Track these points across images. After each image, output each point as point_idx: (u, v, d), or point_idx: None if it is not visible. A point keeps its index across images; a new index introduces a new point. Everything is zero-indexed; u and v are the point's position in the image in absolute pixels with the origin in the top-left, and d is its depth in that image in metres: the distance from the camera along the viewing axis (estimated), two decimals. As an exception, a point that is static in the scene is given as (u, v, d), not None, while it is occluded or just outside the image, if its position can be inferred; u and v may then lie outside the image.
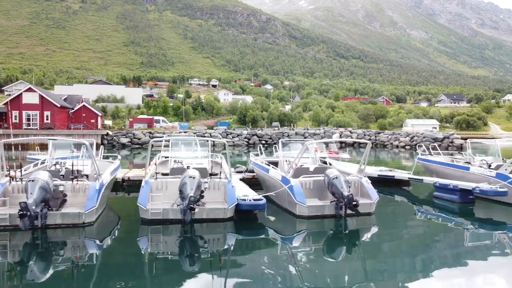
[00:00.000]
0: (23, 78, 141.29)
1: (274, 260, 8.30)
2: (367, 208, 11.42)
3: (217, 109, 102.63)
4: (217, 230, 10.16)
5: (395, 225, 11.80)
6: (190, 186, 9.54)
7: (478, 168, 14.71)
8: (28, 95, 49.30)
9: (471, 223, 11.85)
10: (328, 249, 9.16)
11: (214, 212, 10.30)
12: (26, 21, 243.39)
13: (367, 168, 20.45)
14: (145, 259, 8.22)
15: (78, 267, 7.63)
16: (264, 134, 57.75)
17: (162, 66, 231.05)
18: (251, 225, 10.72)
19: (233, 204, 10.32)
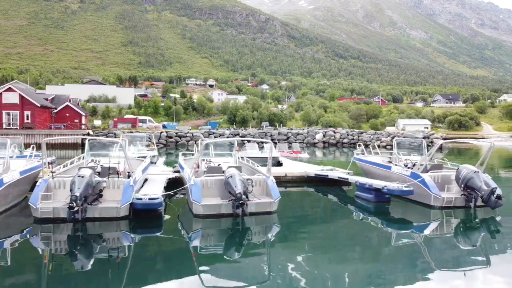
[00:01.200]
0: (18, 78, 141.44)
1: (167, 259, 8.43)
2: (267, 207, 11.55)
3: (209, 109, 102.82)
4: (109, 228, 10.31)
5: (294, 224, 11.84)
6: (78, 185, 9.71)
7: (398, 167, 14.83)
8: (8, 94, 49.58)
9: (375, 222, 11.99)
10: (225, 248, 9.27)
11: (107, 211, 10.46)
12: (25, 21, 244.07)
13: (310, 167, 20.65)
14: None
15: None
16: (247, 134, 57.85)
17: (160, 66, 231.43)
18: (146, 224, 10.86)
19: (127, 203, 10.47)
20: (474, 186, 12.12)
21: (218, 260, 8.37)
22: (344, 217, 12.91)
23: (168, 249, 9.13)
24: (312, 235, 10.55)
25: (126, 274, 7.38)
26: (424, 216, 12.49)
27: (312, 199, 16.30)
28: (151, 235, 10.21)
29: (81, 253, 8.81)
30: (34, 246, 9.23)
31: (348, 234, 10.84)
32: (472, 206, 12.39)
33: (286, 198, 15.99)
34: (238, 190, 10.42)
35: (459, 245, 9.67)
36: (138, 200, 10.57)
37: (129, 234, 10.12)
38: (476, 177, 12.17)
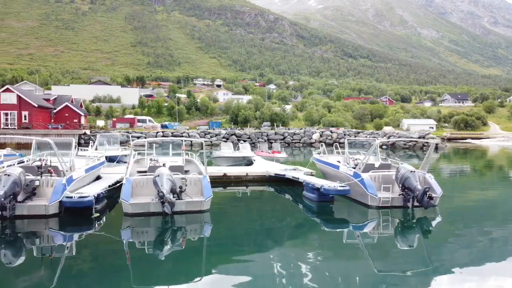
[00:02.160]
0: (28, 78, 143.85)
1: (91, 256, 8.68)
2: (198, 206, 11.70)
3: (212, 109, 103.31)
4: (37, 226, 10.58)
5: (225, 222, 11.99)
6: (3, 184, 10.00)
7: (344, 167, 14.86)
8: (6, 95, 50.56)
9: (310, 221, 12.07)
10: (153, 246, 9.47)
11: (36, 208, 10.74)
12: (36, 22, 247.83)
13: (277, 166, 20.70)
14: None
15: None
16: (243, 134, 58.07)
17: (168, 66, 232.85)
18: (77, 222, 11.09)
19: (56, 201, 10.73)
20: (410, 186, 12.11)
21: (143, 258, 8.57)
22: (281, 216, 13.01)
23: (92, 246, 9.36)
24: (241, 234, 10.69)
25: (52, 271, 7.61)
26: (360, 216, 12.53)
27: (260, 198, 16.43)
28: (80, 233, 10.41)
29: (7, 249, 9.07)
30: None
31: (278, 232, 10.93)
32: (410, 206, 12.35)
33: (229, 197, 16.22)
34: (163, 189, 10.59)
35: (387, 246, 9.66)
36: (68, 199, 10.82)
37: (58, 232, 10.37)
38: (412, 176, 12.14)
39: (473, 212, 13.91)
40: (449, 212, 13.29)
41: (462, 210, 14.22)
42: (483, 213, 13.72)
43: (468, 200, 16.30)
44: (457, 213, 13.59)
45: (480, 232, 10.88)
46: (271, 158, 25.91)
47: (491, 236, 10.54)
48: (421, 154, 44.00)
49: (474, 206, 15.10)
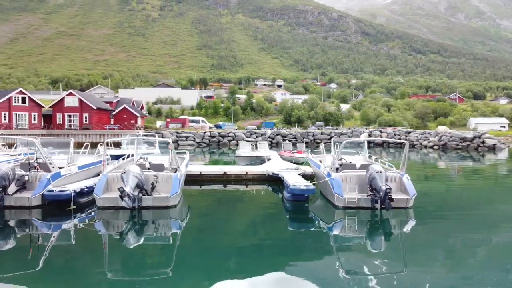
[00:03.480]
0: (102, 82, 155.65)
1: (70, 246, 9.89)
2: (164, 202, 12.43)
3: (266, 109, 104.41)
4: (22, 216, 12.00)
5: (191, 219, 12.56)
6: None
7: (323, 167, 14.73)
8: (70, 99, 55.46)
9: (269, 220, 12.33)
10: (122, 234, 10.55)
11: (21, 200, 12.17)
12: (111, 30, 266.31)
13: (280, 165, 20.84)
14: None
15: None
16: (288, 134, 58.22)
17: (231, 67, 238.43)
18: (58, 213, 12.34)
19: (38, 194, 12.09)
20: (376, 186, 11.82)
21: (111, 246, 9.61)
22: (249, 214, 13.47)
23: (67, 234, 10.58)
24: (203, 229, 11.29)
25: (33, 256, 8.77)
26: (325, 216, 12.50)
27: (244, 197, 16.77)
28: (58, 223, 11.64)
29: None
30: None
31: (236, 229, 11.35)
32: (378, 207, 12.03)
33: (208, 194, 16.84)
34: (127, 185, 11.47)
35: (342, 247, 9.69)
36: (49, 192, 12.13)
37: (40, 221, 11.69)
38: (378, 177, 11.84)
39: (449, 215, 13.28)
40: (423, 214, 12.76)
41: (438, 212, 13.62)
42: (461, 217, 13.00)
43: (452, 205, 15.41)
44: (430, 215, 13.06)
45: (447, 235, 10.47)
46: (291, 158, 26.02)
47: (458, 239, 10.16)
48: (476, 155, 41.19)
49: (453, 209, 14.40)
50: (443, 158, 38.73)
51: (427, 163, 35.21)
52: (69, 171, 13.96)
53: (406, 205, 12.41)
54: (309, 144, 56.88)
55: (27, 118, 53.42)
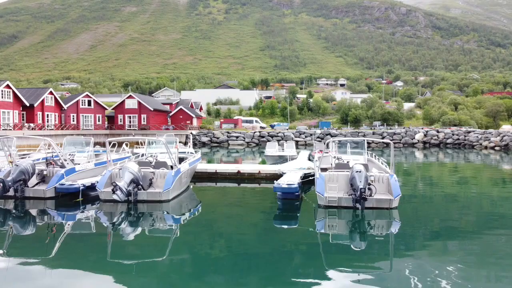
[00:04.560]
0: (169, 85, 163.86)
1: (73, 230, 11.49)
2: (157, 196, 13.46)
3: (323, 109, 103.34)
4: (37, 206, 13.71)
5: (183, 211, 13.49)
6: (13, 172, 13.33)
7: (315, 166, 14.82)
8: (130, 101, 59.55)
9: (258, 218, 12.85)
10: (117, 223, 11.86)
11: (37, 192, 13.90)
12: (179, 34, 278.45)
13: (295, 164, 21.03)
14: None
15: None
16: (338, 134, 57.49)
17: (294, 67, 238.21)
18: (69, 204, 13.92)
19: (51, 187, 13.75)
20: (354, 186, 11.85)
21: (110, 235, 11.01)
22: (240, 211, 14.04)
23: (72, 222, 12.13)
24: (188, 223, 12.20)
25: (44, 240, 10.46)
26: (307, 215, 12.72)
27: (243, 195, 17.32)
28: (66, 212, 13.20)
29: (16, 222, 12.28)
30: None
31: (221, 222, 12.09)
32: (363, 207, 12.01)
33: (217, 191, 17.64)
34: (120, 180, 12.69)
35: (314, 246, 9.95)
36: (61, 185, 13.74)
37: (52, 210, 13.33)
38: (357, 176, 11.86)
39: (432, 216, 12.89)
40: (407, 216, 12.54)
41: (423, 214, 13.31)
42: (444, 218, 12.52)
43: (440, 206, 14.70)
44: (414, 217, 12.82)
45: (425, 235, 10.35)
46: (319, 157, 26.11)
47: (436, 242, 10.06)
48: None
49: (437, 210, 13.85)
50: (505, 160, 36.06)
51: (478, 164, 33.14)
52: (84, 167, 15.58)
53: (389, 206, 12.27)
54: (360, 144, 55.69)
55: (92, 120, 58.26)
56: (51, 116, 52.93)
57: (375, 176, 13.15)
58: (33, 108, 49.52)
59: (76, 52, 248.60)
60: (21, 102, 47.60)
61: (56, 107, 54.05)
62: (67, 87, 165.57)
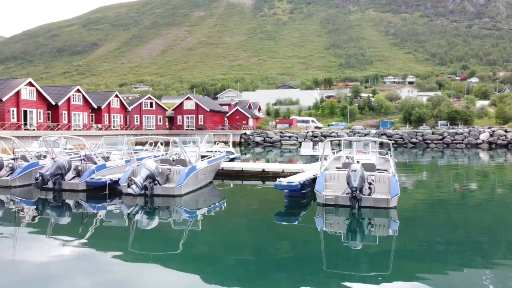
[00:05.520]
0: (233, 86, 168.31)
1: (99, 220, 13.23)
2: (171, 191, 14.59)
3: (386, 108, 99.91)
4: (71, 197, 15.50)
5: (194, 206, 14.44)
6: (50, 167, 15.25)
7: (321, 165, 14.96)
8: (188, 102, 62.55)
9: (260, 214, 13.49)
10: (136, 217, 13.30)
11: (71, 185, 15.67)
12: (245, 36, 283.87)
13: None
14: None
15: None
16: (394, 134, 55.71)
17: (359, 66, 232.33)
18: (102, 196, 15.55)
19: (83, 181, 15.49)
20: (350, 184, 12.00)
21: (128, 224, 12.47)
22: (251, 208, 14.67)
23: (100, 211, 13.78)
24: (198, 215, 13.17)
25: (75, 228, 12.24)
26: (308, 213, 13.03)
27: (261, 193, 17.83)
28: (94, 204, 14.85)
29: (53, 211, 14.14)
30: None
31: (229, 218, 12.91)
32: (356, 206, 12.14)
33: (240, 189, 18.39)
34: (137, 175, 14.00)
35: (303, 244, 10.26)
36: (91, 180, 15.43)
37: (84, 202, 15.03)
38: (352, 175, 11.98)
39: (430, 218, 12.60)
40: (405, 216, 12.38)
41: (423, 214, 13.07)
42: (441, 220, 12.12)
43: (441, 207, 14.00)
44: (410, 216, 12.66)
45: (419, 237, 10.36)
46: (358, 158, 26.03)
47: (432, 240, 10.07)
48: None
49: (440, 213, 13.46)
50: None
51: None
52: (115, 164, 17.24)
53: (386, 205, 12.24)
54: (418, 144, 53.52)
55: (154, 120, 62.10)
56: (117, 117, 57.33)
57: (376, 175, 13.14)
58: (100, 110, 54.01)
59: (149, 56, 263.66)
60: (90, 104, 52.19)
61: (121, 109, 58.42)
62: (139, 90, 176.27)
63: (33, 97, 43.50)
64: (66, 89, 50.03)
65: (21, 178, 16.88)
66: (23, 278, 7.56)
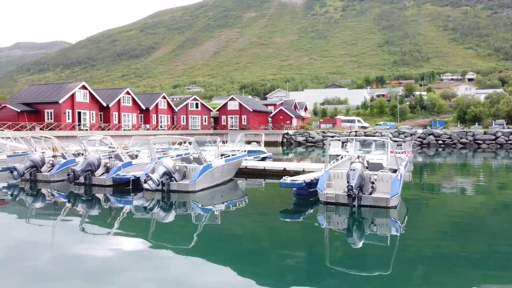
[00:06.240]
0: (282, 86, 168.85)
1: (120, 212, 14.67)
2: (185, 187, 15.44)
3: (439, 107, 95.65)
4: (99, 191, 16.91)
5: (207, 202, 15.20)
6: (81, 164, 16.77)
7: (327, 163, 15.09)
8: (231, 103, 63.99)
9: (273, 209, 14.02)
10: (154, 208, 14.54)
11: (100, 180, 17.08)
12: (296, 36, 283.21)
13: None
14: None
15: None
16: (443, 134, 53.54)
17: (415, 63, 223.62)
18: (123, 191, 16.81)
19: (110, 176, 16.85)
20: (348, 183, 12.16)
21: (147, 215, 13.72)
22: (261, 204, 15.16)
23: (125, 204, 15.01)
24: (211, 213, 13.98)
25: (104, 218, 13.75)
26: (310, 211, 13.32)
27: (275, 190, 18.21)
28: (119, 198, 16.13)
29: (84, 203, 15.65)
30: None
31: (236, 215, 13.56)
32: (356, 204, 12.28)
33: (254, 187, 18.97)
34: (154, 172, 15.04)
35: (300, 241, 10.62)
36: (116, 176, 16.75)
37: (110, 196, 16.36)
38: (350, 174, 12.13)
39: (430, 217, 12.31)
40: (404, 216, 12.29)
41: (424, 215, 12.76)
42: (442, 222, 11.83)
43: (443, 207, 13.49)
44: (409, 216, 12.50)
45: (416, 235, 10.45)
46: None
47: (429, 240, 10.10)
48: None
49: (442, 213, 12.89)
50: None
51: None
52: (141, 162, 18.52)
53: (386, 205, 12.26)
54: (468, 145, 51.04)
55: (199, 120, 64.21)
56: (164, 118, 59.99)
57: (379, 175, 13.15)
58: (148, 111, 56.85)
59: (202, 58, 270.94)
60: (138, 106, 55.13)
61: (168, 110, 61.02)
62: (192, 91, 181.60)
63: (86, 100, 46.83)
64: (116, 91, 53.21)
65: (59, 173, 18.66)
66: (55, 259, 8.72)
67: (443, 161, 35.99)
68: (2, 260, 8.62)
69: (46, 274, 7.86)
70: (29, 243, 10.04)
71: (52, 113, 43.69)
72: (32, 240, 10.27)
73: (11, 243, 10.00)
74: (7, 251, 9.27)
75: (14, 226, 11.83)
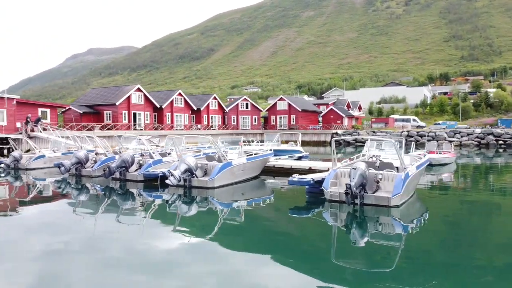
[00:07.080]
0: (340, 85, 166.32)
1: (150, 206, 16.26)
2: (205, 184, 16.40)
3: (507, 105, 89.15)
4: (131, 186, 18.43)
5: (225, 198, 16.03)
6: (116, 162, 18.43)
7: (338, 163, 15.19)
8: (280, 103, 64.67)
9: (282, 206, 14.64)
10: (175, 201, 15.89)
11: (132, 176, 18.61)
12: (355, 33, 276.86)
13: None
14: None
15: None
16: (504, 133, 50.24)
17: (485, 58, 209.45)
18: (152, 186, 18.19)
19: (140, 173, 18.34)
20: (350, 182, 12.37)
21: (170, 209, 15.09)
22: (272, 201, 15.76)
23: (153, 198, 16.39)
24: (224, 207, 14.88)
25: (132, 211, 15.41)
26: (315, 208, 13.65)
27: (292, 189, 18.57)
28: (148, 192, 17.54)
29: (119, 198, 17.31)
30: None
31: (248, 211, 14.30)
32: (358, 203, 12.47)
33: (278, 185, 19.62)
34: (176, 168, 16.21)
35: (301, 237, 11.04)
36: (146, 172, 18.20)
37: (141, 190, 17.82)
38: (352, 173, 12.33)
39: (433, 218, 12.12)
40: (406, 216, 12.21)
41: (428, 214, 12.56)
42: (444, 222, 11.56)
43: None
44: (410, 216, 12.41)
45: (414, 235, 10.59)
46: (431, 159, 25.10)
47: (421, 244, 10.09)
48: None
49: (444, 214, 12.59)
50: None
51: None
52: (170, 159, 19.87)
53: (388, 204, 12.32)
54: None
55: (249, 120, 65.58)
56: (215, 118, 62.08)
57: (384, 174, 13.16)
58: (200, 111, 59.19)
59: (260, 59, 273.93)
60: (190, 106, 57.62)
61: (219, 110, 63.05)
62: (249, 91, 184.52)
63: (141, 101, 49.95)
64: (169, 93, 56.07)
65: (100, 169, 20.59)
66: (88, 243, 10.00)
67: (491, 162, 33.89)
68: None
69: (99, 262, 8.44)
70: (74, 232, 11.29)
71: (110, 114, 47.18)
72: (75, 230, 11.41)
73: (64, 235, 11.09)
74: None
75: (59, 217, 13.27)
